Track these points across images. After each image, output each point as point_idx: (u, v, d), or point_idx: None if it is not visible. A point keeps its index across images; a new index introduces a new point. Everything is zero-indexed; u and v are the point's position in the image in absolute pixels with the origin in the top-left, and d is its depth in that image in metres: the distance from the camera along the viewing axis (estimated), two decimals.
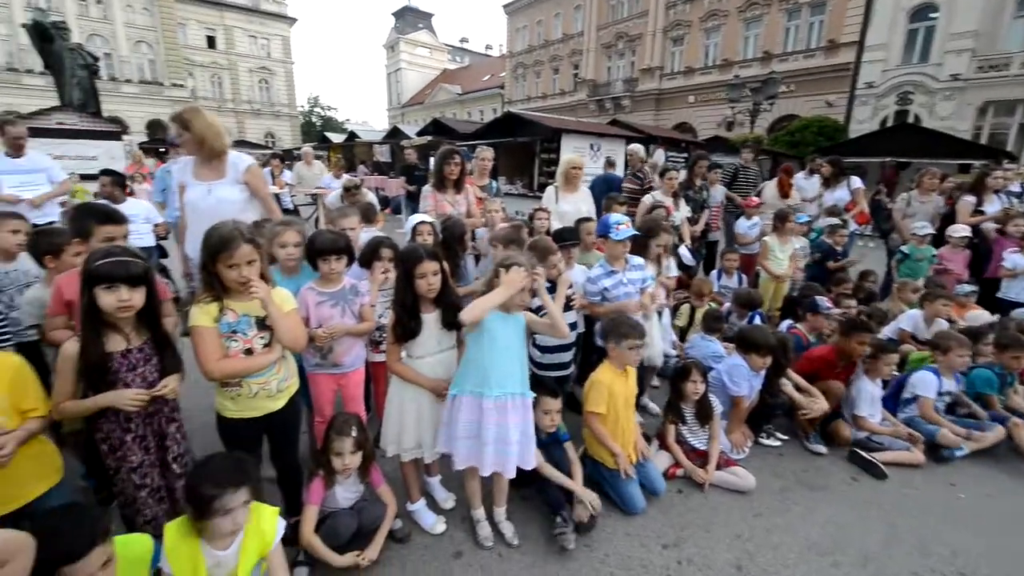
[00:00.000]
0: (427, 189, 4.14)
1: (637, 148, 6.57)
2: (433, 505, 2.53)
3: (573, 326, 2.93)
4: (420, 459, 2.39)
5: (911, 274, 5.09)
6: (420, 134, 17.28)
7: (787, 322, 4.25)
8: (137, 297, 1.67)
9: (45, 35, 12.66)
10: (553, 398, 2.54)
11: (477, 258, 3.82)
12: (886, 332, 4.18)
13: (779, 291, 4.94)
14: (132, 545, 1.54)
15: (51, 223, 4.20)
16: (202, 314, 1.82)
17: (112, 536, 1.44)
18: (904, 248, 5.34)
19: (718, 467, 2.83)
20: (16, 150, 4.50)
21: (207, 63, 39.21)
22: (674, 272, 3.79)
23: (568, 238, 3.22)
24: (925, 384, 3.33)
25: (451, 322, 2.25)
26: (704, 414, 2.93)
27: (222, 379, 1.88)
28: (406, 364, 2.25)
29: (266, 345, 1.94)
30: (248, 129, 40.16)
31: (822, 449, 3.19)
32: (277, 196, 6.58)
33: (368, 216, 3.49)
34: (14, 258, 2.56)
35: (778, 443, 3.26)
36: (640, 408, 3.44)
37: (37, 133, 8.34)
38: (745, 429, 3.17)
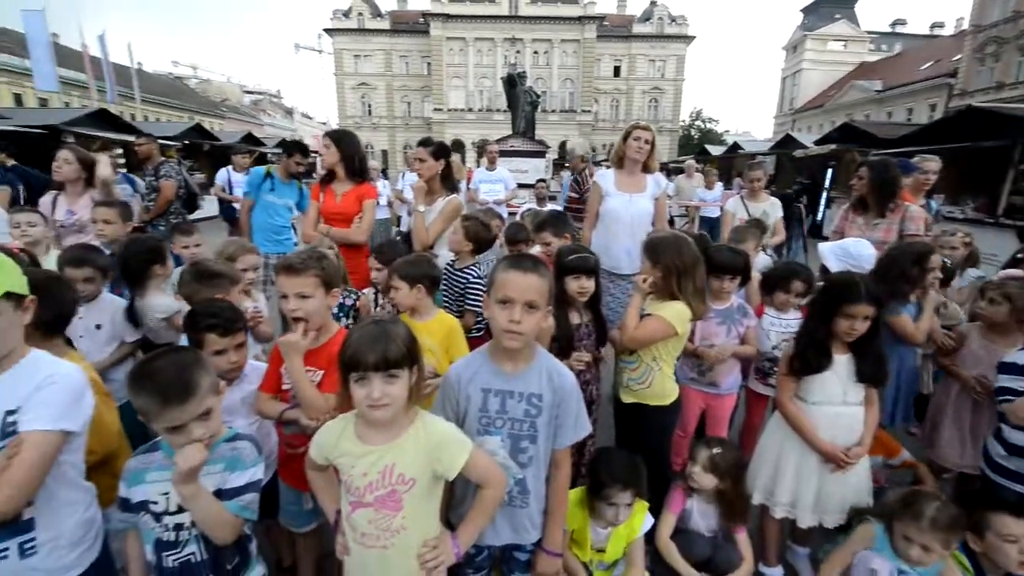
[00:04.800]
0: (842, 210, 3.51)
1: (576, 144, 5.32)
2: None
3: None
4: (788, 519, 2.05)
5: None
6: (821, 141, 14.69)
7: None
8: (591, 284, 2.08)
9: (512, 82, 17.61)
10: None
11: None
12: None
13: None
14: None
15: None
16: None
17: None
18: None
19: None
20: (491, 163, 6.52)
21: (609, 90, 45.61)
22: None
23: None
24: None
25: (868, 375, 1.86)
26: None
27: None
28: (798, 406, 1.96)
29: None
30: None
31: None
32: None
33: None
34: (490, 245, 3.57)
35: None
36: None
37: (499, 154, 11.83)
38: None
